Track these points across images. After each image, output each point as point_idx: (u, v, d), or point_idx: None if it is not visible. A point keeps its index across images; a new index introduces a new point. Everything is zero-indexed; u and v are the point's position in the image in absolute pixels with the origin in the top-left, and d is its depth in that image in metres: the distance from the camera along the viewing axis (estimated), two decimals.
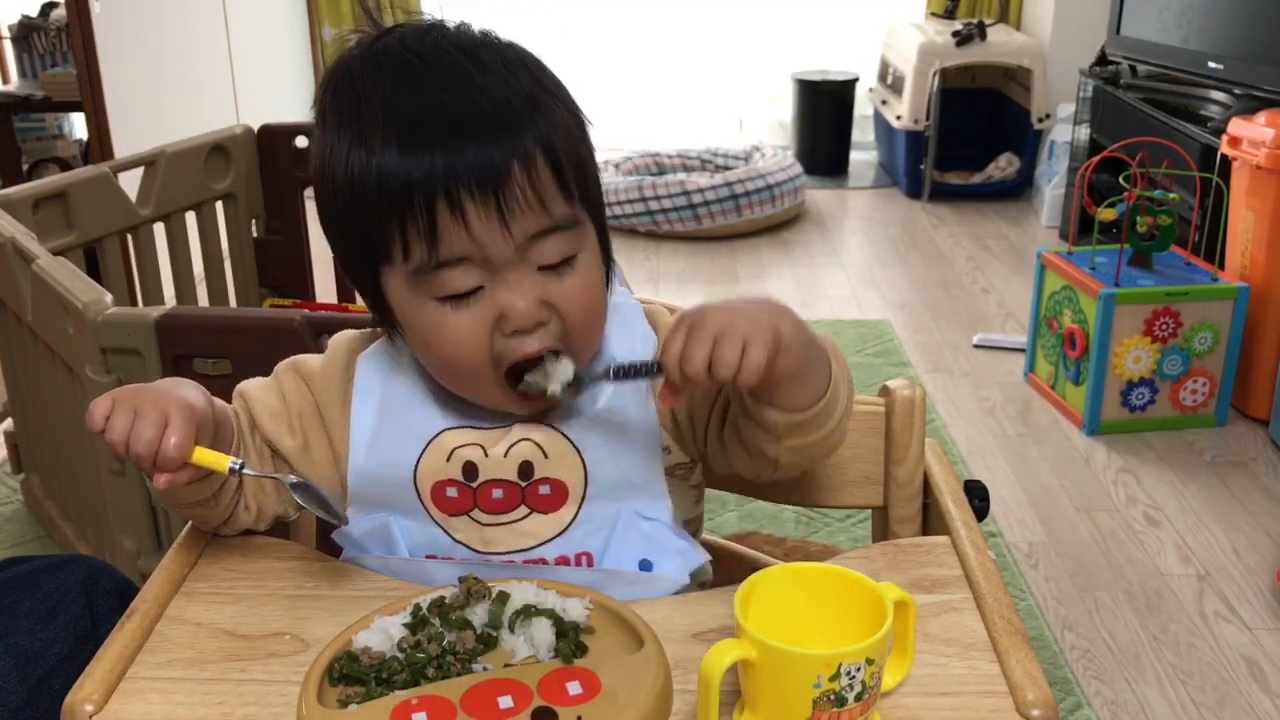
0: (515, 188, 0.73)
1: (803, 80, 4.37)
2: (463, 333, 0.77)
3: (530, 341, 0.78)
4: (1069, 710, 1.61)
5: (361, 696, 0.68)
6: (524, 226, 0.75)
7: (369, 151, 0.75)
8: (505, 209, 0.73)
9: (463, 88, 0.75)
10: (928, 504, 0.97)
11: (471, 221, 0.73)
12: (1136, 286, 2.33)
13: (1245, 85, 2.68)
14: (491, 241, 0.74)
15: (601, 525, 0.85)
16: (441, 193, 0.73)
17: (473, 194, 0.72)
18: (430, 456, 0.84)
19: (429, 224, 0.73)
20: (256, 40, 3.88)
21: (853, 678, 0.64)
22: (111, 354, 1.57)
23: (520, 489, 0.84)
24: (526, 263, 0.76)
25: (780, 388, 0.77)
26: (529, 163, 0.74)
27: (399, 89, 0.76)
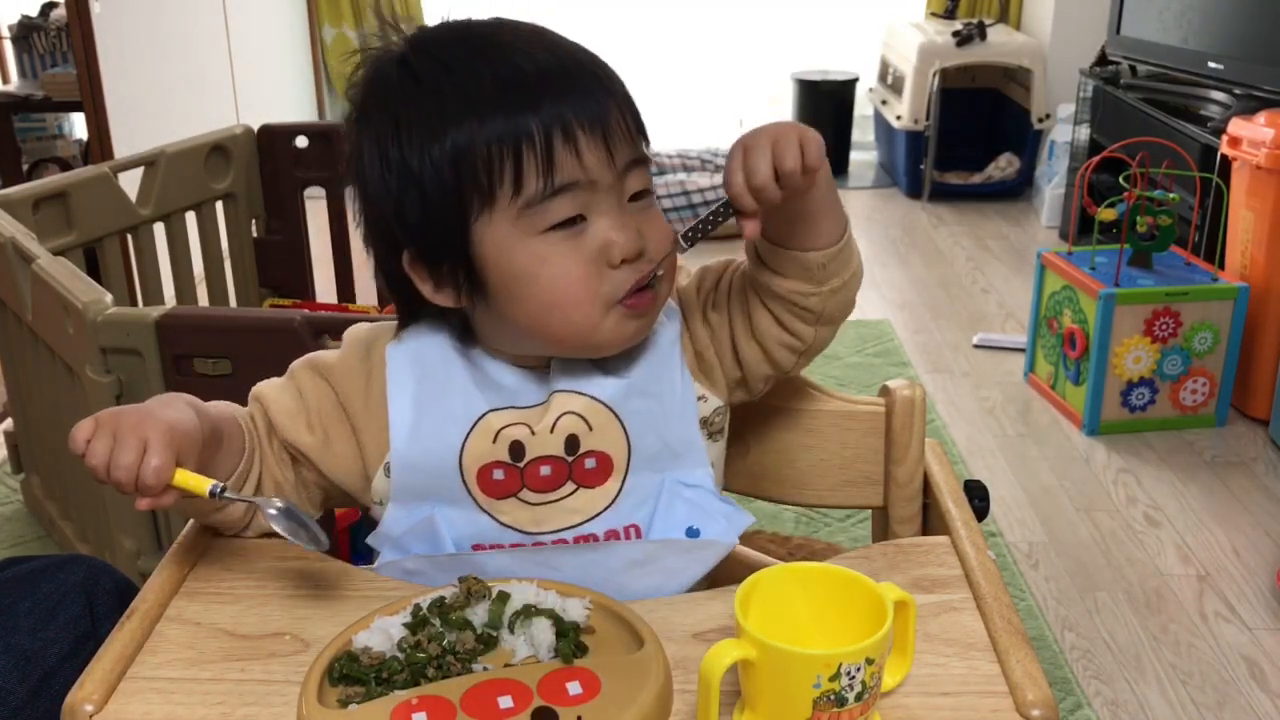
0: (614, 121, 0.80)
1: (803, 80, 4.37)
2: (571, 260, 0.80)
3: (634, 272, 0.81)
4: (1069, 710, 1.61)
5: (361, 696, 0.68)
6: (623, 155, 0.81)
7: (474, 111, 0.78)
8: (609, 140, 0.79)
9: (550, 47, 0.81)
10: (928, 504, 0.97)
11: (583, 149, 0.78)
12: (1136, 286, 2.33)
13: (1245, 85, 2.68)
14: (598, 167, 0.79)
15: (646, 497, 0.86)
16: (557, 124, 0.78)
17: (583, 125, 0.78)
18: (475, 439, 0.84)
19: (546, 151, 0.78)
20: (256, 40, 3.88)
21: (853, 678, 0.64)
22: (111, 354, 1.57)
23: (567, 464, 0.84)
24: (621, 194, 0.81)
25: (817, 218, 0.82)
26: (621, 105, 0.81)
27: (478, 56, 0.80)
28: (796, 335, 0.87)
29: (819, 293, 0.85)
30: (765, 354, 0.88)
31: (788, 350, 0.88)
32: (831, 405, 1.01)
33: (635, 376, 0.86)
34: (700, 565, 0.86)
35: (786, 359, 0.89)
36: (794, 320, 0.86)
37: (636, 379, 0.86)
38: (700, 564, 0.86)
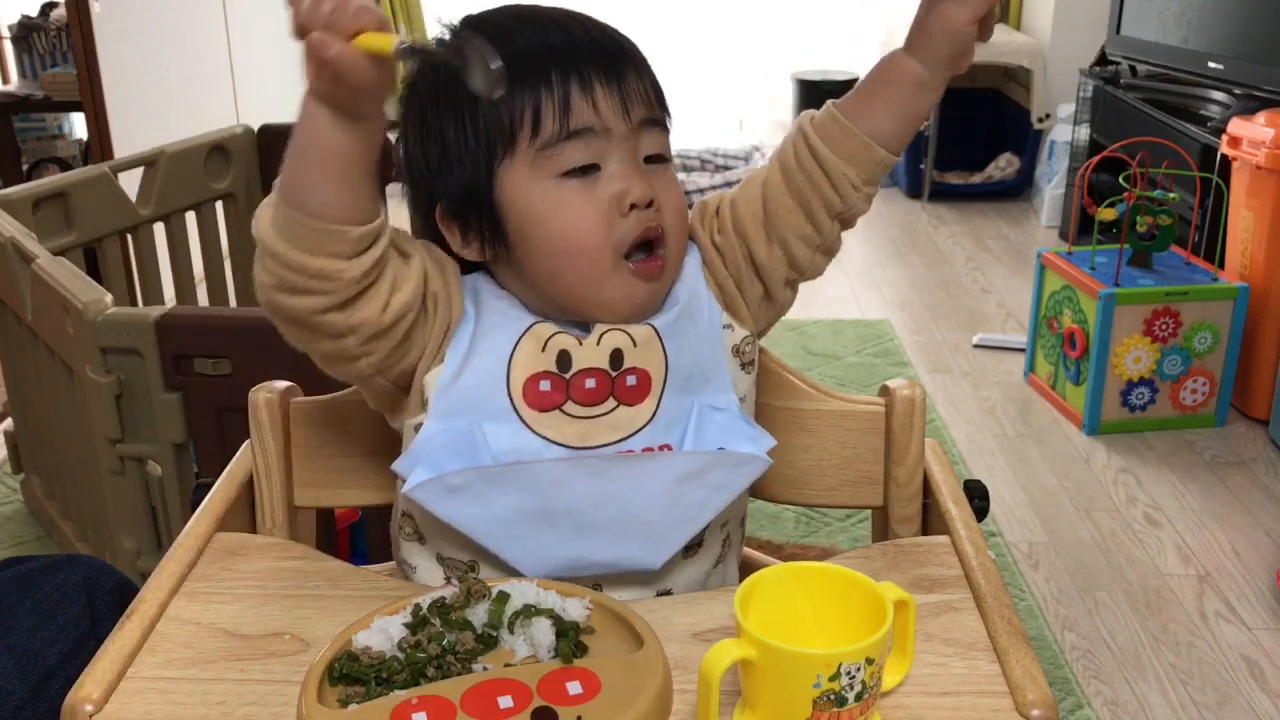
0: (632, 81, 0.85)
1: (803, 80, 4.37)
2: (584, 206, 0.83)
3: (644, 219, 0.84)
4: (1069, 710, 1.61)
5: (361, 696, 0.68)
6: (639, 111, 0.85)
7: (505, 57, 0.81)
8: (625, 95, 0.84)
9: (580, 23, 0.87)
10: (928, 504, 0.97)
11: (598, 99, 0.83)
12: (1136, 286, 2.33)
13: (1245, 85, 2.68)
14: (612, 117, 0.84)
15: (678, 419, 0.88)
16: (574, 73, 0.83)
17: (601, 77, 0.84)
18: (525, 346, 0.85)
19: (563, 97, 0.82)
20: (256, 40, 3.88)
21: (853, 677, 0.64)
22: (111, 354, 1.57)
23: (611, 379, 0.86)
24: (635, 149, 0.85)
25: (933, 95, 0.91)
26: (640, 70, 0.87)
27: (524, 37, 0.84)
28: (818, 227, 0.90)
29: (861, 190, 0.89)
30: (785, 251, 0.91)
31: (805, 244, 0.90)
32: (831, 405, 1.01)
33: (667, 302, 0.89)
34: (742, 478, 0.88)
35: (804, 254, 0.91)
36: (820, 211, 0.89)
37: (668, 304, 0.89)
38: (743, 477, 0.88)
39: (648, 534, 0.85)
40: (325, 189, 0.76)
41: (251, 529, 0.97)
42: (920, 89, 0.88)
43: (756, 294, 0.93)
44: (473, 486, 0.84)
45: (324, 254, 0.77)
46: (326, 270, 0.77)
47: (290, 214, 0.76)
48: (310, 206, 0.76)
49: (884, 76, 0.89)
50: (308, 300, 0.79)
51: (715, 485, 0.87)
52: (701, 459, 0.86)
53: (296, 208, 0.76)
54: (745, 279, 0.92)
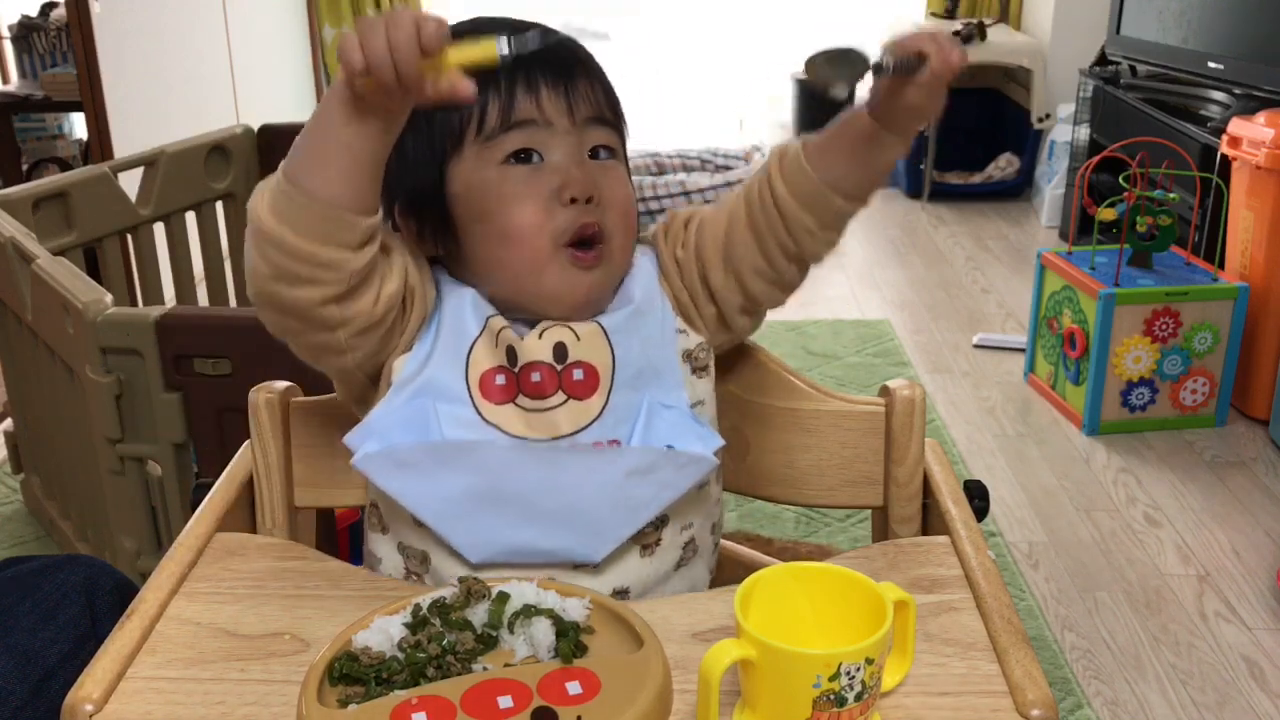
0: (581, 83, 0.87)
1: (803, 80, 4.37)
2: (525, 194, 0.85)
3: (583, 213, 0.86)
4: (1069, 710, 1.61)
5: (361, 696, 0.68)
6: (584, 110, 0.87)
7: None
8: (570, 94, 0.86)
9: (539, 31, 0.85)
10: (928, 504, 0.97)
11: (543, 98, 0.85)
12: (1136, 286, 2.33)
13: (1245, 85, 2.68)
14: (555, 113, 0.86)
15: (627, 414, 0.89)
16: (521, 72, 0.85)
17: (547, 76, 0.86)
18: (482, 342, 0.87)
19: (508, 93, 0.85)
20: (256, 40, 3.88)
21: (852, 678, 0.64)
22: (111, 354, 1.57)
23: (557, 372, 0.87)
24: (580, 144, 0.87)
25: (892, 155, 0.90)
26: (592, 75, 0.89)
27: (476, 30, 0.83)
28: (773, 265, 0.91)
29: (818, 235, 0.90)
30: (739, 282, 0.92)
31: (760, 279, 0.92)
32: (831, 405, 1.01)
33: (619, 301, 0.91)
34: (688, 479, 0.89)
35: (759, 288, 0.92)
36: (776, 250, 0.90)
37: (620, 303, 0.91)
38: (688, 477, 0.89)
39: (590, 526, 0.87)
40: (345, 178, 0.76)
41: (251, 529, 0.97)
42: (881, 147, 0.88)
43: (710, 314, 0.94)
44: (422, 464, 0.85)
45: (334, 243, 0.77)
46: (335, 260, 0.77)
47: (302, 201, 0.76)
48: (327, 194, 0.76)
49: (845, 130, 0.88)
50: (309, 291, 0.78)
51: (661, 483, 0.88)
52: (650, 456, 0.87)
53: (311, 194, 0.76)
54: (700, 298, 0.93)
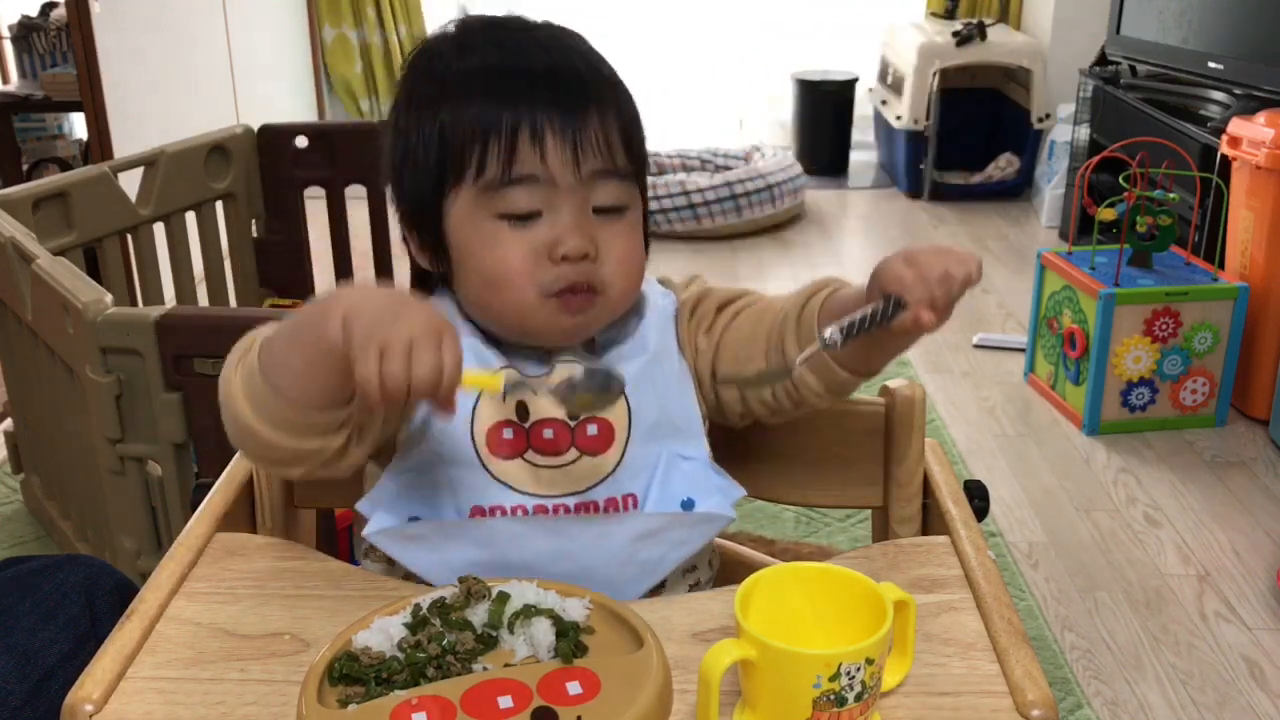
0: (590, 131, 0.82)
1: (803, 80, 4.37)
2: (514, 250, 0.83)
3: (574, 272, 0.83)
4: (1069, 710, 1.61)
5: (361, 696, 0.68)
6: (591, 164, 0.82)
7: (464, 93, 0.83)
8: (580, 145, 0.82)
9: (558, 53, 0.85)
10: (928, 504, 0.97)
11: (548, 148, 0.81)
12: (1136, 286, 2.33)
13: (1245, 85, 2.68)
14: (560, 168, 0.82)
15: (644, 468, 0.87)
16: (526, 120, 0.81)
17: (554, 126, 0.81)
18: (488, 396, 0.86)
19: (510, 142, 0.81)
20: (256, 40, 3.88)
21: (852, 678, 0.64)
22: (111, 354, 1.57)
23: (570, 429, 0.86)
24: (585, 199, 0.83)
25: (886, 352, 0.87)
26: (606, 117, 0.83)
27: (498, 54, 0.84)
28: (776, 400, 0.90)
29: (822, 397, 0.88)
30: (742, 396, 0.91)
31: (763, 405, 0.91)
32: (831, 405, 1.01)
33: (633, 350, 0.89)
34: (702, 536, 0.88)
35: (759, 409, 0.91)
36: (782, 393, 0.89)
37: (634, 352, 0.89)
38: (702, 535, 0.88)
39: (604, 588, 0.82)
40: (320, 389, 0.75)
41: (251, 529, 0.97)
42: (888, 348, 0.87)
43: (710, 398, 0.93)
44: (430, 538, 0.85)
45: (310, 435, 0.77)
46: (312, 449, 0.78)
47: (276, 400, 0.75)
48: (302, 399, 0.75)
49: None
50: (296, 469, 0.80)
51: (674, 542, 0.87)
52: (660, 519, 0.86)
53: (285, 396, 0.75)
54: (705, 384, 0.92)
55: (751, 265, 3.49)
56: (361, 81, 4.60)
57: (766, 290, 0.98)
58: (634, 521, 0.86)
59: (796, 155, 4.17)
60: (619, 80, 0.87)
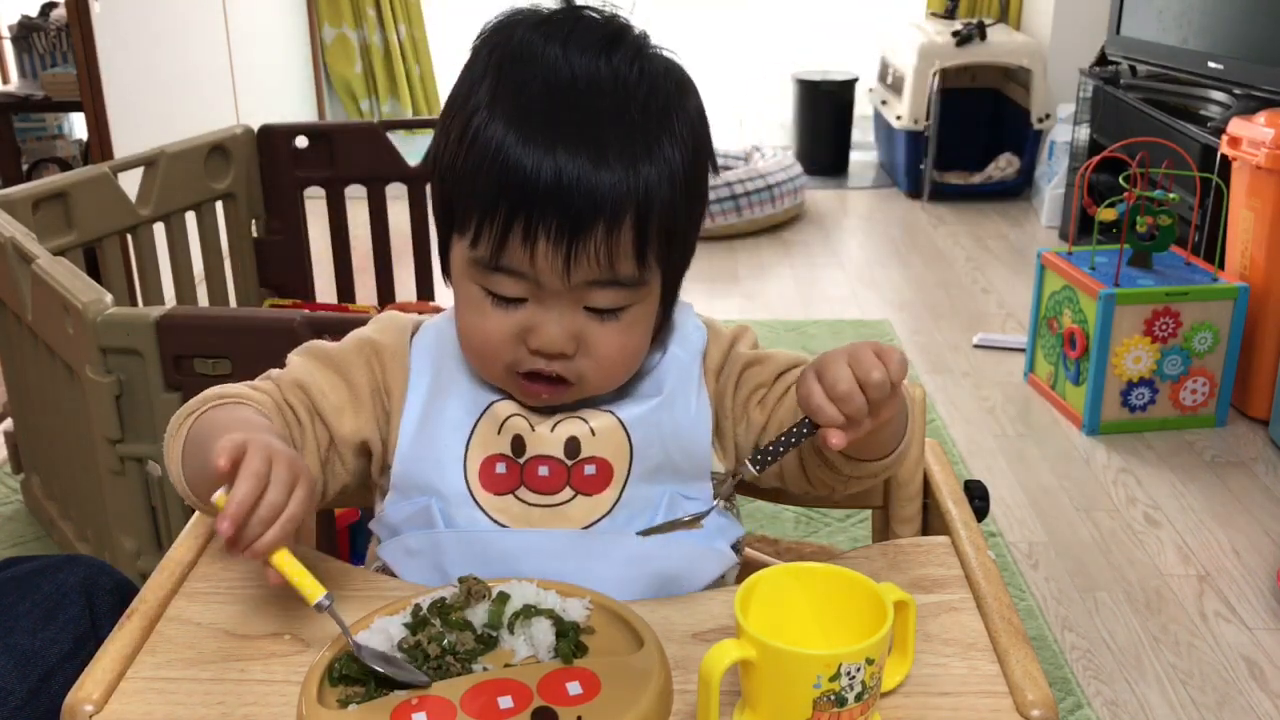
0: (591, 244, 0.76)
1: (803, 80, 4.37)
2: (492, 329, 0.80)
3: (546, 364, 0.81)
4: (1069, 710, 1.61)
5: (361, 696, 0.68)
6: (584, 275, 0.77)
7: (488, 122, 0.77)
8: (573, 258, 0.76)
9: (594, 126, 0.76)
10: (928, 504, 0.97)
11: (538, 253, 0.76)
12: (1136, 286, 2.33)
13: (1245, 85, 2.68)
14: (549, 275, 0.77)
15: (644, 508, 0.85)
16: (522, 217, 0.75)
17: (549, 234, 0.75)
18: (483, 427, 0.85)
19: (502, 235, 0.76)
20: (256, 40, 3.88)
21: (853, 678, 0.64)
22: (111, 354, 1.57)
23: (566, 468, 0.84)
24: (576, 300, 0.79)
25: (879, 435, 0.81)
26: (615, 224, 0.76)
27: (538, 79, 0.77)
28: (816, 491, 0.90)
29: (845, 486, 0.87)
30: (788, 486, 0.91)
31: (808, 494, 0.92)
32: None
33: (647, 389, 0.86)
34: (703, 575, 0.85)
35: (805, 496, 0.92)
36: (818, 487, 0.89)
37: (648, 391, 0.86)
38: (703, 573, 0.85)
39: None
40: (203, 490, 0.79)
41: None
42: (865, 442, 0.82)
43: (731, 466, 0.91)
44: (429, 553, 0.84)
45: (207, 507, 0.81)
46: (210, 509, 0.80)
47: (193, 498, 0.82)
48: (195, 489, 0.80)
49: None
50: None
51: (669, 576, 0.84)
52: (652, 547, 0.83)
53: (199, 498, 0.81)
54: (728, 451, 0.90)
55: (751, 265, 3.49)
56: (361, 81, 4.60)
57: (766, 291, 0.97)
58: (627, 545, 0.83)
59: (796, 155, 4.17)
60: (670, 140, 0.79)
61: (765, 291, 3.26)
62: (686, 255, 0.85)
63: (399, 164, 2.45)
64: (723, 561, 0.87)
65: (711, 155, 0.85)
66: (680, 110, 0.81)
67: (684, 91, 0.83)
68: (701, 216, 0.85)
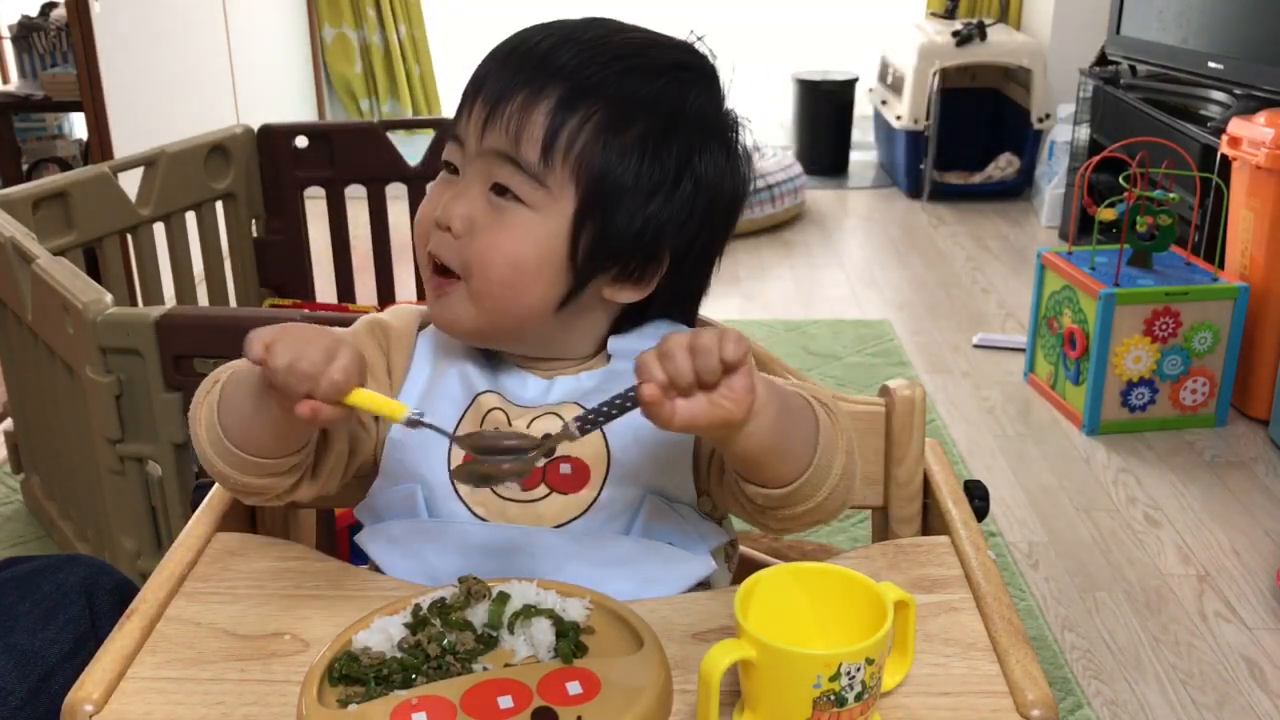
0: (508, 108, 0.80)
1: (803, 80, 4.37)
2: (426, 210, 0.85)
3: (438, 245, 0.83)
4: (1069, 710, 1.61)
5: (361, 696, 0.68)
6: (494, 139, 0.81)
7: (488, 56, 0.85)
8: (489, 120, 0.81)
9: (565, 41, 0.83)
10: (928, 504, 0.97)
11: (472, 115, 0.82)
12: (1136, 286, 2.33)
13: (1245, 85, 2.68)
14: (470, 135, 0.83)
15: (624, 509, 0.84)
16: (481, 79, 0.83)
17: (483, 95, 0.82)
18: (469, 417, 0.85)
19: (461, 104, 0.84)
20: (256, 40, 3.88)
21: (853, 678, 0.64)
22: (111, 354, 1.57)
23: (540, 467, 0.83)
24: (485, 173, 0.82)
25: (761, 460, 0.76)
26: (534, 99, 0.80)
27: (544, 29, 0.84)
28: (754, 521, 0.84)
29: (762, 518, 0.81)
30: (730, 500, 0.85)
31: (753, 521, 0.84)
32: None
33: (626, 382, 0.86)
34: (681, 580, 0.84)
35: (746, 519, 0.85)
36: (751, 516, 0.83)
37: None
38: (681, 578, 0.84)
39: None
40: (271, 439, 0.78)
41: (251, 529, 0.97)
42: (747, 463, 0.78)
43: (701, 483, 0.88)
44: (408, 540, 0.85)
45: (260, 474, 0.80)
46: (262, 486, 0.82)
47: (227, 442, 0.79)
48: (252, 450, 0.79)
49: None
50: (249, 499, 0.85)
51: (646, 578, 0.83)
52: (633, 549, 0.83)
53: (236, 441, 0.79)
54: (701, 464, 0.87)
55: (751, 265, 3.49)
56: (361, 81, 4.60)
57: (766, 291, 0.97)
58: (605, 546, 0.83)
59: (796, 155, 4.17)
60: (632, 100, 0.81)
61: (765, 291, 3.26)
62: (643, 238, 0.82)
63: (399, 164, 2.45)
64: (704, 566, 0.85)
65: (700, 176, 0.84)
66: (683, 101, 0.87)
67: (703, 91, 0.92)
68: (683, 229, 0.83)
